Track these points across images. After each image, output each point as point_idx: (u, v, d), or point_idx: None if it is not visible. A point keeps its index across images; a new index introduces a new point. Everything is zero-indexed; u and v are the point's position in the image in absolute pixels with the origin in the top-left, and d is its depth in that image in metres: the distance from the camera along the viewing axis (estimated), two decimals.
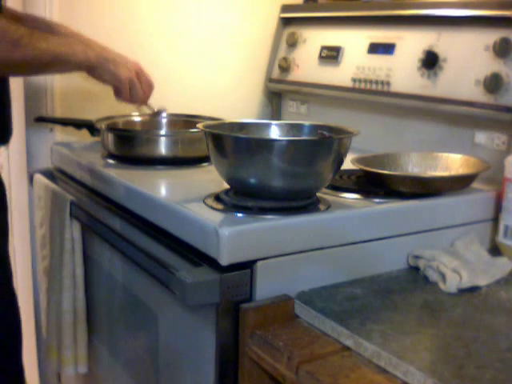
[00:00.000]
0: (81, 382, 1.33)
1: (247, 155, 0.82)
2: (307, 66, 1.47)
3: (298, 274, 0.83)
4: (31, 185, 1.33)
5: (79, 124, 1.32)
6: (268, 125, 0.99)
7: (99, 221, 1.06)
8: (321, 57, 1.44)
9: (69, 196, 1.13)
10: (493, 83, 1.06)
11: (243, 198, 0.87)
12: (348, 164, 0.97)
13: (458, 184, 0.98)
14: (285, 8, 1.57)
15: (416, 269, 0.92)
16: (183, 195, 0.97)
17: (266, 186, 0.84)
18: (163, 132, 1.29)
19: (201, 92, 1.53)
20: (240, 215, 0.83)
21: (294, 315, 0.80)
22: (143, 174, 1.08)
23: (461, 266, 0.87)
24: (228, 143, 0.84)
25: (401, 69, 1.25)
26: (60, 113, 1.37)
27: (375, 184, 0.98)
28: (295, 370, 0.69)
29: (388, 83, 1.26)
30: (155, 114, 1.27)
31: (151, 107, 1.23)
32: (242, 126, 0.98)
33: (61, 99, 1.37)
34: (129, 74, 1.08)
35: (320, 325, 0.76)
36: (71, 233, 1.13)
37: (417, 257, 0.92)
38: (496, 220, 1.00)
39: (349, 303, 0.80)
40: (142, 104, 1.19)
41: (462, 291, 0.84)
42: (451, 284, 0.84)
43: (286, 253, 0.81)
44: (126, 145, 1.17)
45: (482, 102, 1.08)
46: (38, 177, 1.29)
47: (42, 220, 1.25)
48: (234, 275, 0.78)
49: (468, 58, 1.13)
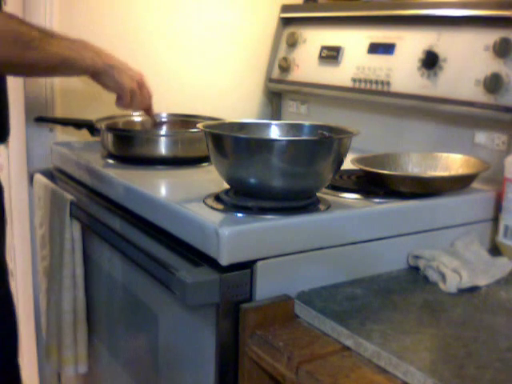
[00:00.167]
0: (81, 382, 1.33)
1: (247, 155, 0.82)
2: (307, 66, 1.47)
3: (298, 274, 0.83)
4: (31, 185, 1.33)
5: (79, 124, 1.32)
6: (268, 125, 0.99)
7: (99, 221, 1.06)
8: (321, 57, 1.44)
9: (69, 196, 1.13)
10: (493, 83, 1.06)
11: (243, 198, 0.87)
12: (348, 164, 0.97)
13: (458, 184, 0.98)
14: (285, 8, 1.57)
15: (416, 269, 0.92)
16: (183, 195, 0.97)
17: (266, 186, 0.84)
18: (163, 132, 1.29)
19: (201, 92, 1.53)
20: (240, 215, 0.83)
21: (294, 315, 0.80)
22: (143, 174, 1.08)
23: (461, 266, 0.87)
24: (228, 143, 0.84)
25: (401, 69, 1.25)
26: (60, 113, 1.37)
27: (375, 184, 0.98)
28: (295, 370, 0.69)
29: (388, 83, 1.26)
30: (155, 124, 1.28)
31: (153, 117, 1.24)
32: (242, 126, 0.98)
33: (61, 99, 1.37)
34: (131, 84, 1.10)
35: (320, 325, 0.76)
36: (71, 233, 1.13)
37: (417, 257, 0.92)
38: (496, 220, 1.00)
39: (349, 303, 0.80)
40: (143, 112, 1.22)
41: (462, 291, 0.84)
42: (451, 284, 0.84)
43: (286, 253, 0.81)
44: (126, 145, 1.17)
45: (482, 102, 1.08)
46: (38, 177, 1.29)
47: (42, 220, 1.25)
48: (234, 275, 0.78)
49: (468, 58, 1.13)
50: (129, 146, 1.17)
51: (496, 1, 1.08)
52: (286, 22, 1.57)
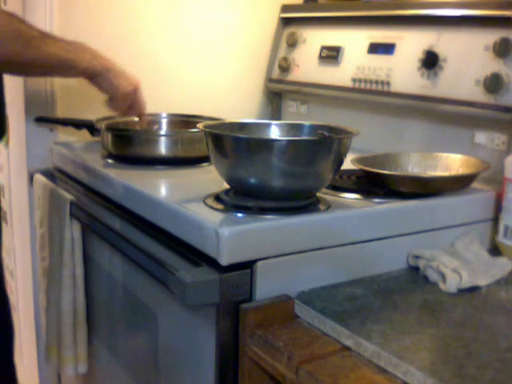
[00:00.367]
0: (81, 382, 1.33)
1: (247, 155, 0.82)
2: (307, 66, 1.47)
3: (298, 274, 0.83)
4: (31, 185, 1.33)
5: (79, 124, 1.32)
6: (268, 125, 0.99)
7: (99, 221, 1.06)
8: (321, 57, 1.44)
9: (69, 196, 1.13)
10: (493, 83, 1.06)
11: (243, 198, 0.87)
12: (348, 164, 0.97)
13: (458, 184, 0.98)
14: (285, 8, 1.57)
15: (416, 269, 0.92)
16: (183, 195, 0.97)
17: (266, 186, 0.84)
18: (163, 132, 1.29)
19: (201, 92, 1.53)
20: (240, 215, 0.83)
21: (294, 315, 0.80)
22: (143, 174, 1.08)
23: (461, 266, 0.87)
24: (228, 143, 0.84)
25: (401, 69, 1.25)
26: (60, 113, 1.37)
27: (375, 184, 0.98)
28: (295, 370, 0.69)
29: (388, 83, 1.26)
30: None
31: (145, 124, 1.25)
32: (242, 126, 0.98)
33: (61, 99, 1.37)
34: (128, 87, 1.11)
35: (320, 325, 0.76)
36: (71, 233, 1.13)
37: (417, 257, 0.92)
38: (496, 220, 1.00)
39: (349, 303, 0.80)
40: (136, 117, 1.22)
41: (462, 291, 0.84)
42: (451, 284, 0.84)
43: (286, 253, 0.81)
44: (126, 145, 1.17)
45: (482, 102, 1.08)
46: (38, 177, 1.29)
47: (42, 220, 1.25)
48: (234, 275, 0.78)
49: (468, 58, 1.13)
50: (129, 146, 1.17)
51: (496, 1, 1.08)
52: (286, 22, 1.57)
